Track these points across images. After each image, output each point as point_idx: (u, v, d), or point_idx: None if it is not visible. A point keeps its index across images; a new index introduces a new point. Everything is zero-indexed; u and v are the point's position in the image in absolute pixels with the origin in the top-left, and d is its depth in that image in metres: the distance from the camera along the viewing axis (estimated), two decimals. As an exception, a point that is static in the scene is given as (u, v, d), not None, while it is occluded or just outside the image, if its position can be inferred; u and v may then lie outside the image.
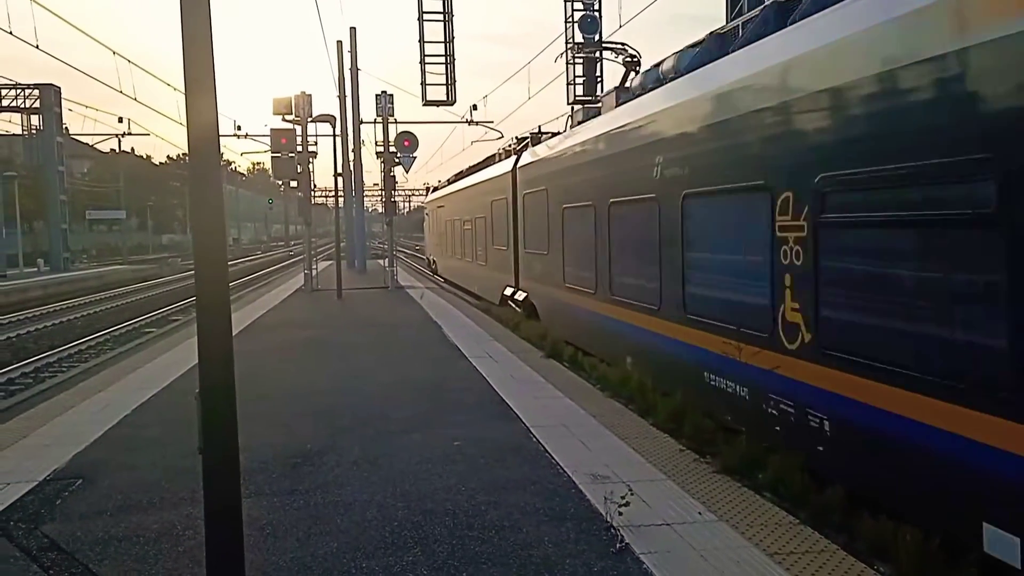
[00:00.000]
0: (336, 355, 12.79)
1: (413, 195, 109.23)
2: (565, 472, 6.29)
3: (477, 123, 37.80)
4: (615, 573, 4.51)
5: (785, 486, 5.81)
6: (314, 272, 26.48)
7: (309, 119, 22.96)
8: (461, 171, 31.94)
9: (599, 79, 26.48)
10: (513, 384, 9.83)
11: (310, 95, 22.81)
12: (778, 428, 6.55)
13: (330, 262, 29.21)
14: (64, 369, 17.65)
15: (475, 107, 37.07)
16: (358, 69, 32.57)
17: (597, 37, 26.51)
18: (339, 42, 32.06)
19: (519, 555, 4.78)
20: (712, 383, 7.85)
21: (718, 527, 5.15)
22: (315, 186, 35.11)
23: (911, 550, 4.62)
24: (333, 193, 29.48)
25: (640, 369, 9.59)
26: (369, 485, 6.11)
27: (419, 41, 28.12)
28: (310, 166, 24.06)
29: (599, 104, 14.59)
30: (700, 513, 5.38)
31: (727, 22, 23.18)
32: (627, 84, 12.94)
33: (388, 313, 18.88)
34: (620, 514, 5.14)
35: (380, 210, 34.47)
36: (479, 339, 13.92)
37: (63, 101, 47.94)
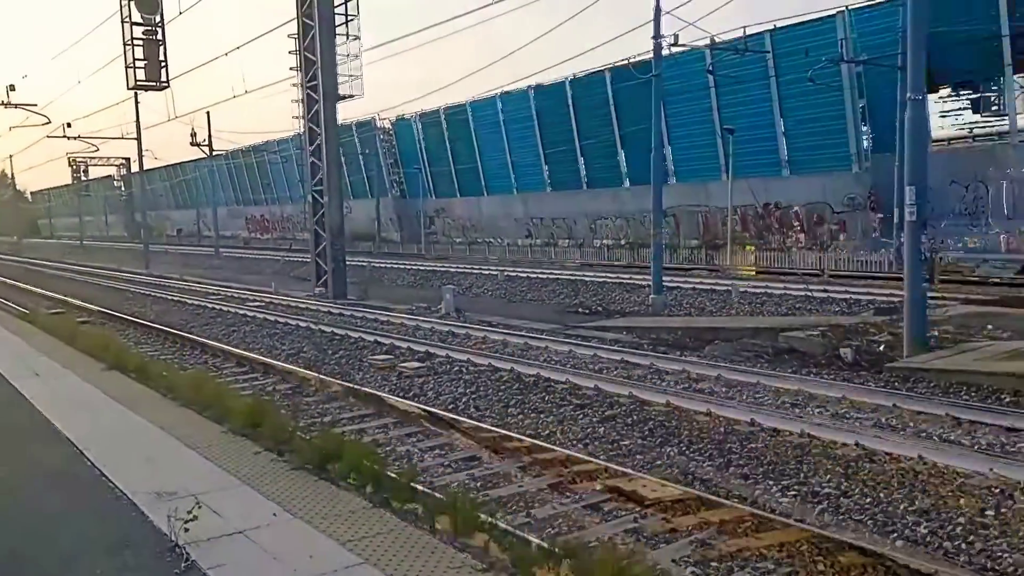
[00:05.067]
0: None
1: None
2: (124, 494, 5.66)
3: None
4: (179, 595, 4.18)
5: (360, 473, 5.96)
6: None
7: None
8: None
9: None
10: (64, 404, 8.61)
11: None
12: None
13: None
14: None
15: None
16: None
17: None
18: None
19: (65, 599, 4.18)
20: None
21: (293, 525, 5.07)
22: None
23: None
24: None
25: None
26: None
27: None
28: None
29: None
30: (275, 514, 5.24)
31: None
32: None
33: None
34: (186, 531, 4.78)
35: None
36: (25, 356, 12.00)
37: None
